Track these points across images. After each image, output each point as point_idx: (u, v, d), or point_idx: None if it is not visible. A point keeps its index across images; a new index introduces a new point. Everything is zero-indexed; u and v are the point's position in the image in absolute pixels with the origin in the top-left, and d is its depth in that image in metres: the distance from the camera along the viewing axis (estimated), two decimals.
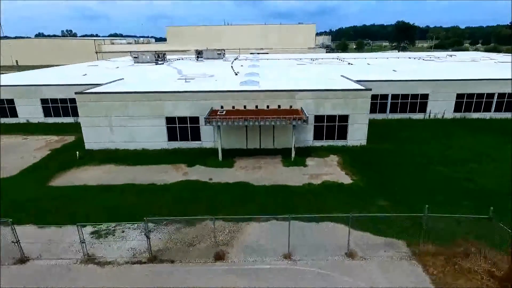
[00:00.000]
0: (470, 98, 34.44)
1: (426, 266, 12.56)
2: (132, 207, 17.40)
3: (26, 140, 30.51)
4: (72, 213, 16.87)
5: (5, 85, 35.19)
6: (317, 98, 25.22)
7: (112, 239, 14.87)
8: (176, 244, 14.36)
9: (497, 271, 11.96)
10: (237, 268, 12.86)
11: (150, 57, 60.65)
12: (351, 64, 54.37)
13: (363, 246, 13.86)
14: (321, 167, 22.54)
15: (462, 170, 21.51)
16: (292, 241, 13.57)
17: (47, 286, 12.20)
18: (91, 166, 23.64)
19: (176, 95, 25.56)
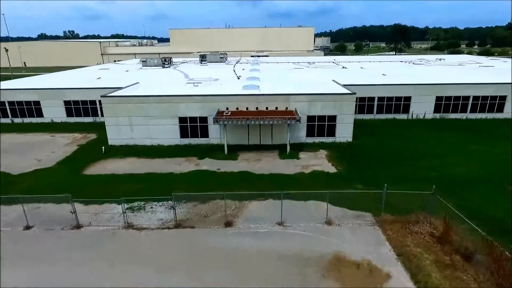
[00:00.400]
0: (448, 101, 38.49)
1: (385, 230, 16.64)
2: (155, 189, 21.44)
3: (54, 137, 34.59)
4: (107, 194, 20.92)
5: (33, 88, 39.37)
6: (309, 101, 29.31)
7: (143, 212, 18.97)
8: (194, 216, 18.45)
9: (436, 233, 16.03)
10: (242, 231, 16.94)
11: (157, 61, 64.80)
12: (345, 68, 58.43)
13: (339, 217, 17.94)
14: (311, 160, 26.62)
15: (431, 162, 25.56)
16: (284, 214, 17.64)
17: (100, 245, 16.27)
18: (116, 158, 27.75)
19: (188, 98, 29.68)
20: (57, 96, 39.09)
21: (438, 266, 14.02)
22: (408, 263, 14.20)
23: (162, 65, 64.16)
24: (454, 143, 29.89)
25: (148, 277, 13.94)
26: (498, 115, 38.50)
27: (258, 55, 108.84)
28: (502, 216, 17.66)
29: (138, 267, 14.57)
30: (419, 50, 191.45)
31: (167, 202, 19.41)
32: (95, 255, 15.43)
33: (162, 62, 64.38)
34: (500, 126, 35.54)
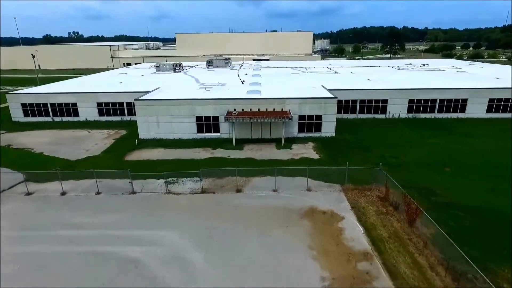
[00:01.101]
0: (419, 103, 45.94)
1: (346, 194, 24.11)
2: (183, 170, 28.92)
3: (92, 133, 42.17)
4: (147, 173, 28.39)
5: (72, 92, 47.00)
6: (300, 104, 36.82)
7: (177, 184, 26.48)
8: (214, 186, 25.97)
9: (380, 195, 23.49)
10: (248, 195, 24.44)
11: (169, 66, 72.37)
12: (337, 73, 65.92)
13: (316, 186, 25.42)
14: (301, 149, 34.11)
15: (393, 151, 32.98)
16: (277, 184, 25.14)
17: (150, 203, 23.79)
18: (147, 149, 35.30)
19: (204, 101, 37.23)
20: (91, 99, 46.71)
21: (377, 213, 21.51)
22: (357, 212, 21.70)
23: (173, 70, 71.70)
24: (416, 138, 37.34)
25: (185, 217, 21.44)
26: (461, 115, 45.89)
27: (260, 58, 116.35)
28: (432, 186, 25.12)
29: (178, 213, 22.10)
30: (414, 52, 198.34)
31: (193, 178, 26.93)
32: (148, 208, 22.97)
33: (173, 67, 71.91)
34: (461, 124, 42.98)
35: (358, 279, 15.68)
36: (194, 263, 17.13)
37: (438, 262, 16.54)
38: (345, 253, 17.58)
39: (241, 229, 20.13)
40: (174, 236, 19.51)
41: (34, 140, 39.47)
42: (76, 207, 23.38)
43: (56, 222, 21.57)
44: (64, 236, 19.97)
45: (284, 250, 18.00)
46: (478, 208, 21.89)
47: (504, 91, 45.32)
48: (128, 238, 19.48)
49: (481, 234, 19.07)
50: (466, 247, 16.68)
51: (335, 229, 19.83)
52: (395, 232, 19.36)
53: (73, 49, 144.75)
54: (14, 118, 47.46)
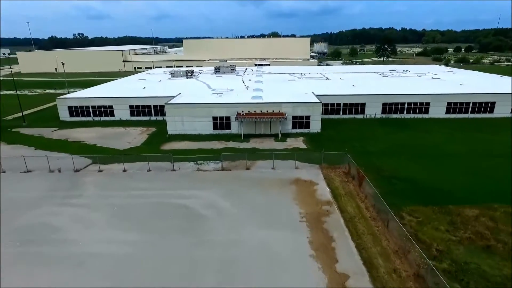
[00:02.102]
0: (391, 105, 56.58)
1: (322, 170, 34.84)
2: (206, 155, 39.61)
3: (128, 130, 52.91)
4: (181, 157, 39.05)
5: (109, 97, 57.80)
6: (293, 107, 47.52)
7: (204, 165, 37.22)
8: (230, 166, 36.72)
9: (345, 171, 34.23)
10: (254, 171, 35.19)
11: (182, 72, 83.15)
12: (328, 79, 76.62)
13: (302, 166, 36.14)
14: (293, 142, 44.83)
15: (363, 143, 43.62)
16: (274, 165, 35.90)
17: (187, 176, 34.52)
18: (176, 141, 46.05)
19: (218, 105, 48.00)
20: (124, 102, 57.51)
21: (340, 181, 32.22)
22: (327, 181, 32.41)
23: (186, 76, 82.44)
24: (383, 133, 48.02)
25: (212, 184, 32.09)
26: (425, 116, 56.47)
27: (261, 63, 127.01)
28: (383, 166, 35.77)
29: (207, 182, 32.82)
30: (408, 55, 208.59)
31: (215, 161, 37.63)
32: (186, 179, 33.69)
33: (186, 73, 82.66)
34: (423, 123, 53.56)
35: (321, 213, 26.40)
36: (222, 207, 27.89)
37: (370, 205, 27.25)
38: (316, 201, 28.32)
39: (250, 190, 30.87)
40: (207, 194, 30.27)
41: (84, 135, 50.27)
42: (136, 179, 34.18)
43: (127, 187, 32.37)
44: (134, 194, 30.72)
45: (278, 201, 28.73)
46: (409, 179, 32.53)
47: (459, 96, 56.01)
48: (177, 195, 30.22)
49: (403, 192, 29.73)
50: (390, 199, 27.34)
51: (311, 190, 30.58)
52: (349, 191, 30.10)
53: (88, 54, 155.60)
54: (62, 117, 58.24)
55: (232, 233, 24.26)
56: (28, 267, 21.12)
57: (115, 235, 24.29)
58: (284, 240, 23.15)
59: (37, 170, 36.49)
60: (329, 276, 19.54)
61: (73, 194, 30.96)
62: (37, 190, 31.69)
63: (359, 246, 22.21)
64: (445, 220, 24.59)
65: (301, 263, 20.77)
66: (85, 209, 28.15)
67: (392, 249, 21.70)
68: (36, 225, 25.71)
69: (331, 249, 21.99)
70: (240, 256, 21.62)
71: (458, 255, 20.67)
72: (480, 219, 24.31)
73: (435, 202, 27.40)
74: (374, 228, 24.18)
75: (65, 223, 25.94)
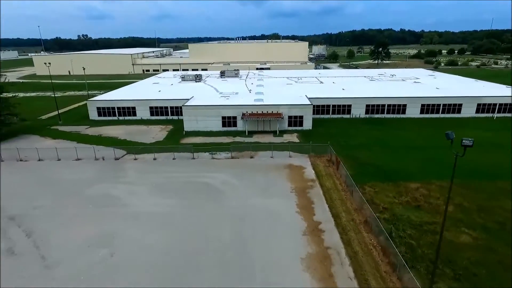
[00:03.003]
0: (373, 107, 66.15)
1: (310, 158, 44.50)
2: (218, 147, 49.24)
3: (149, 128, 62.58)
4: (198, 148, 48.64)
5: (132, 99, 67.54)
6: (289, 108, 57.17)
7: (217, 154, 46.89)
8: (237, 155, 46.39)
9: (328, 159, 43.87)
10: (257, 159, 44.86)
11: (191, 77, 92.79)
12: (322, 83, 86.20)
13: (295, 155, 45.79)
14: (288, 137, 54.49)
15: (346, 138, 53.22)
16: (273, 154, 45.57)
17: (204, 163, 44.19)
18: (191, 137, 55.73)
19: (227, 107, 57.67)
20: (145, 104, 67.22)
21: (323, 166, 41.86)
22: (313, 166, 42.05)
23: (195, 80, 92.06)
24: (364, 130, 57.60)
25: (224, 169, 41.72)
26: (402, 115, 66.02)
27: (262, 67, 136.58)
28: (359, 156, 45.35)
29: (220, 167, 42.46)
30: (402, 57, 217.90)
31: (225, 152, 47.27)
32: (204, 165, 43.34)
33: (195, 77, 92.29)
34: (400, 122, 63.11)
35: (306, 187, 36.04)
36: (233, 183, 37.54)
37: (343, 182, 36.89)
38: (303, 179, 37.98)
39: (253, 173, 40.49)
40: (221, 175, 39.90)
41: (113, 132, 59.97)
42: (165, 165, 43.87)
43: (159, 170, 42.05)
44: (166, 175, 40.37)
45: (274, 180, 38.36)
46: (377, 165, 42.06)
47: (431, 99, 65.63)
48: (199, 176, 39.85)
49: (370, 173, 39.26)
50: (360, 178, 36.91)
51: (300, 172, 40.22)
52: (329, 173, 39.74)
53: (99, 57, 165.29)
54: (91, 117, 67.95)
55: (241, 200, 33.93)
56: (100, 221, 30.77)
57: (158, 201, 33.99)
58: (278, 203, 32.81)
59: (85, 159, 46.22)
60: (308, 222, 29.20)
61: (119, 175, 40.70)
62: (91, 173, 41.45)
63: (330, 206, 31.87)
64: (394, 190, 34.21)
65: (289, 216, 30.42)
66: (132, 185, 37.88)
67: (353, 208, 31.35)
68: (100, 195, 35.44)
69: (311, 208, 31.66)
70: (247, 213, 31.28)
71: (396, 211, 30.26)
72: (419, 190, 33.94)
73: (391, 179, 37.02)
74: (343, 196, 33.84)
75: (120, 193, 35.66)
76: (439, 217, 28.81)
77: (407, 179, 36.88)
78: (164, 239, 27.53)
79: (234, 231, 28.45)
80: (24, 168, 43.59)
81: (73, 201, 34.25)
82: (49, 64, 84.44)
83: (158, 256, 25.37)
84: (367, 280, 22.30)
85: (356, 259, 24.38)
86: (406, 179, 36.88)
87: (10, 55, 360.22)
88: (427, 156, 44.45)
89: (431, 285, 20.69)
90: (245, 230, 28.52)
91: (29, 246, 26.77)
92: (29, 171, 42.54)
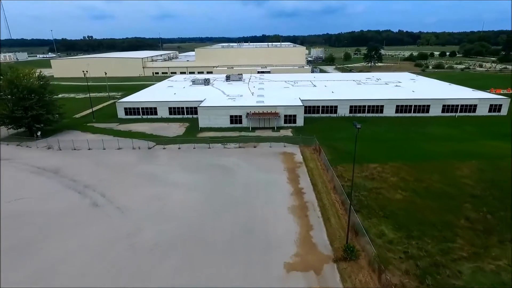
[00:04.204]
0: (356, 107, 79.02)
1: (300, 148, 57.47)
2: (228, 139, 62.15)
3: (169, 125, 75.59)
4: (213, 140, 61.55)
5: (154, 101, 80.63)
6: (284, 108, 70.14)
7: (228, 145, 59.89)
8: (244, 145, 59.38)
9: (314, 148, 56.84)
10: (259, 148, 57.84)
11: (201, 81, 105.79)
12: (315, 86, 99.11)
13: (288, 145, 58.74)
14: (284, 132, 67.47)
15: (331, 133, 66.08)
16: (271, 145, 58.58)
17: (218, 151, 57.16)
18: (205, 132, 68.75)
19: (234, 107, 70.68)
20: (165, 105, 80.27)
21: (310, 153, 54.81)
22: (302, 153, 54.99)
23: (204, 83, 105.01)
24: (347, 127, 70.36)
25: (235, 155, 54.64)
26: (380, 115, 78.85)
27: (263, 70, 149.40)
28: (340, 146, 58.25)
29: (230, 154, 55.41)
30: (395, 59, 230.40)
31: (234, 143, 60.21)
32: (219, 153, 56.30)
33: (204, 81, 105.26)
34: (377, 120, 75.96)
35: (295, 167, 48.99)
36: (241, 165, 50.50)
37: (323, 164, 49.83)
38: (293, 162, 50.95)
39: (256, 158, 53.41)
40: (232, 159, 52.82)
41: (140, 128, 72.97)
42: (188, 152, 56.84)
43: (184, 156, 55.03)
44: (190, 160, 53.32)
45: (272, 162, 51.26)
46: (351, 152, 54.79)
47: (404, 100, 78.51)
48: (215, 160, 52.75)
49: (345, 158, 52.01)
50: (337, 161, 49.79)
51: (292, 157, 53.18)
52: (313, 158, 52.70)
53: (113, 61, 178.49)
54: (119, 116, 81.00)
55: (247, 175, 46.82)
56: (151, 187, 43.65)
57: (187, 176, 46.95)
58: (274, 177, 45.72)
59: (124, 148, 59.23)
60: (294, 188, 42.18)
61: (154, 160, 53.72)
62: (132, 158, 54.48)
63: (311, 179, 44.82)
64: (359, 169, 47.05)
65: (282, 184, 43.37)
66: (165, 166, 50.88)
67: (327, 180, 44.30)
68: (145, 172, 48.44)
69: (297, 180, 44.61)
70: (251, 182, 44.20)
71: (356, 181, 43.12)
72: (376, 168, 46.86)
73: (358, 162, 49.74)
74: (321, 173, 46.79)
75: (158, 172, 48.65)
76: (386, 184, 41.81)
77: (369, 161, 49.76)
78: (196, 196, 40.55)
79: (243, 192, 41.44)
80: (79, 154, 56.66)
81: (126, 176, 47.33)
82: (87, 71, 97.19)
83: (194, 205, 38.37)
84: (329, 218, 35.24)
85: (324, 207, 37.37)
86: (369, 161, 49.77)
87: (20, 56, 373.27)
88: (389, 145, 57.37)
89: (348, 214, 33.63)
90: (250, 192, 41.50)
91: (106, 202, 39.83)
92: (84, 156, 55.59)
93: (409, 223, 33.84)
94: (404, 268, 27.40)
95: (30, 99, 62.80)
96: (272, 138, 61.15)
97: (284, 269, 27.86)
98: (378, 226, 33.48)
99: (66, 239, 32.60)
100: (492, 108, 78.10)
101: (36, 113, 63.86)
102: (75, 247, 31.35)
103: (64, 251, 30.84)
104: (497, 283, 25.79)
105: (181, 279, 26.94)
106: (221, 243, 31.48)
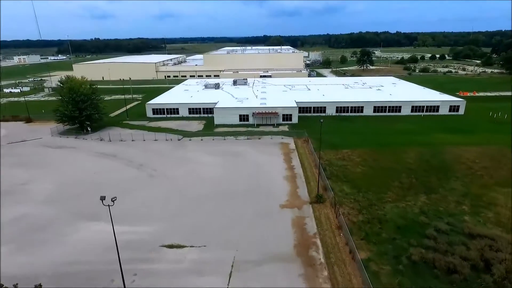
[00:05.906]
0: (341, 108, 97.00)
1: (294, 139, 75.59)
2: (238, 133, 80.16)
3: (190, 122, 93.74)
4: (227, 133, 79.64)
5: (176, 103, 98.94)
6: (282, 109, 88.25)
7: (238, 138, 78.06)
8: (251, 137, 77.52)
9: (305, 140, 74.94)
10: (263, 140, 76.00)
11: (212, 85, 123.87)
12: (309, 90, 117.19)
13: (285, 137, 76.89)
14: (282, 128, 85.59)
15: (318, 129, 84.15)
16: (272, 137, 76.75)
17: (230, 142, 75.28)
18: (220, 128, 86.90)
19: (242, 108, 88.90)
20: (186, 106, 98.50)
21: (300, 143, 72.93)
22: (295, 143, 73.12)
23: (214, 88, 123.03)
24: (332, 123, 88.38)
25: (245, 145, 72.71)
26: (361, 114, 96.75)
27: (265, 74, 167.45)
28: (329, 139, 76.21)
29: (241, 144, 73.54)
30: (387, 62, 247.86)
31: (244, 135, 78.31)
32: (233, 143, 74.46)
33: (215, 86, 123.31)
34: (357, 118, 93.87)
35: (289, 152, 67.13)
36: (250, 151, 68.62)
37: (310, 150, 67.91)
38: (287, 149, 69.10)
39: (260, 146, 71.49)
40: (242, 147, 70.92)
41: (167, 124, 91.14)
42: (209, 142, 75.02)
43: (206, 145, 73.22)
44: (211, 148, 71.43)
45: (273, 149, 69.33)
46: (332, 142, 72.80)
47: (380, 102, 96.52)
48: (230, 148, 70.82)
49: (327, 147, 69.98)
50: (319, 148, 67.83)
51: (287, 146, 71.31)
52: (303, 146, 70.83)
53: (128, 65, 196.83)
54: (148, 115, 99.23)
55: (254, 158, 64.87)
56: (186, 166, 61.72)
57: (211, 158, 65.03)
58: (273, 159, 63.77)
59: (159, 140, 77.44)
60: (287, 165, 60.39)
61: (185, 148, 71.90)
62: (168, 146, 72.66)
63: (300, 160, 62.96)
64: (335, 153, 64.95)
65: (279, 163, 61.48)
66: (194, 152, 69.02)
67: (312, 160, 62.44)
68: (180, 156, 66.61)
69: (290, 160, 62.75)
70: (258, 162, 62.25)
71: (332, 161, 61.06)
72: (347, 153, 64.93)
73: (335, 148, 67.94)
74: (308, 156, 64.90)
75: (189, 155, 66.81)
76: (351, 163, 59.99)
77: (344, 148, 67.82)
78: (219, 170, 58.75)
79: (252, 169, 59.55)
80: (127, 144, 74.86)
81: (168, 158, 65.59)
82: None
83: (219, 175, 56.49)
84: (310, 183, 53.37)
85: (307, 177, 55.53)
86: (343, 148, 67.82)
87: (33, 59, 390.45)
88: (362, 137, 75.44)
89: (318, 178, 51.78)
90: (257, 168, 59.61)
91: (158, 174, 58.05)
92: (131, 146, 73.77)
93: (362, 185, 51.97)
94: (351, 206, 45.55)
95: (85, 102, 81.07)
96: (273, 132, 79.07)
97: (279, 207, 46.10)
98: (341, 186, 51.65)
99: (140, 194, 50.84)
100: (452, 108, 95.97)
101: (89, 113, 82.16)
102: (150, 196, 49.65)
103: (143, 198, 49.10)
104: (403, 212, 43.89)
105: (217, 212, 45.15)
106: (239, 195, 49.71)
